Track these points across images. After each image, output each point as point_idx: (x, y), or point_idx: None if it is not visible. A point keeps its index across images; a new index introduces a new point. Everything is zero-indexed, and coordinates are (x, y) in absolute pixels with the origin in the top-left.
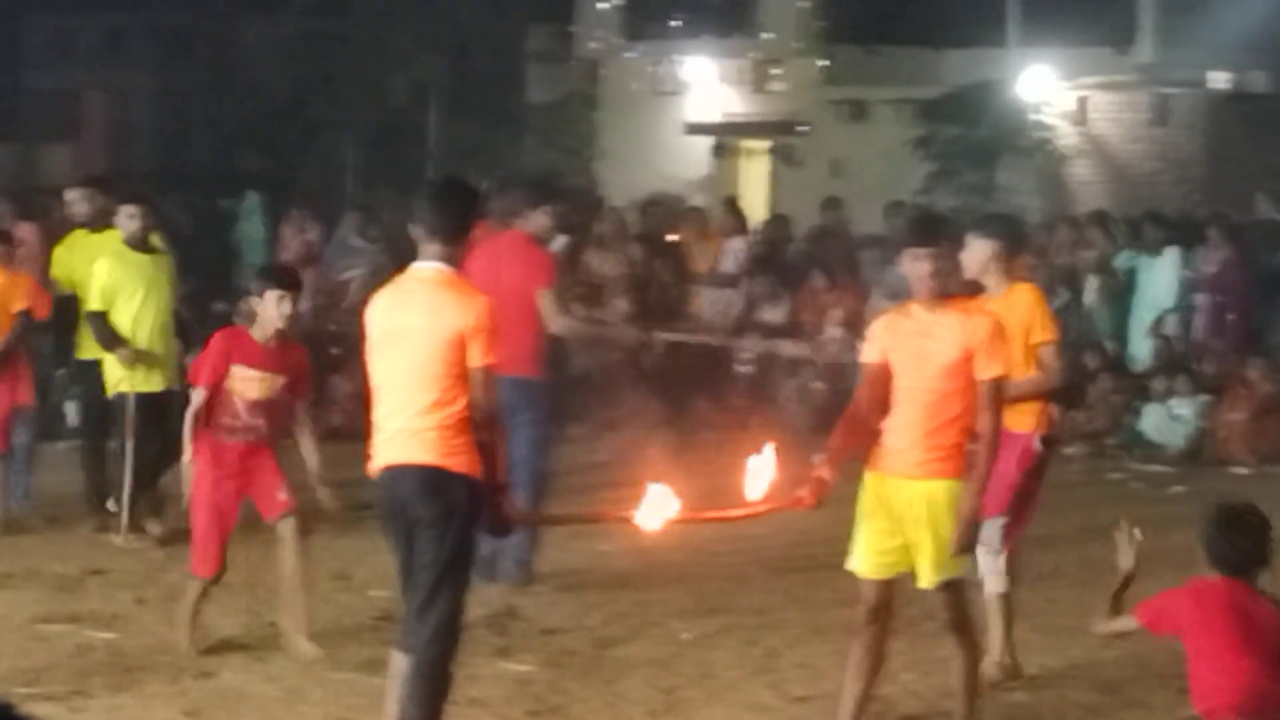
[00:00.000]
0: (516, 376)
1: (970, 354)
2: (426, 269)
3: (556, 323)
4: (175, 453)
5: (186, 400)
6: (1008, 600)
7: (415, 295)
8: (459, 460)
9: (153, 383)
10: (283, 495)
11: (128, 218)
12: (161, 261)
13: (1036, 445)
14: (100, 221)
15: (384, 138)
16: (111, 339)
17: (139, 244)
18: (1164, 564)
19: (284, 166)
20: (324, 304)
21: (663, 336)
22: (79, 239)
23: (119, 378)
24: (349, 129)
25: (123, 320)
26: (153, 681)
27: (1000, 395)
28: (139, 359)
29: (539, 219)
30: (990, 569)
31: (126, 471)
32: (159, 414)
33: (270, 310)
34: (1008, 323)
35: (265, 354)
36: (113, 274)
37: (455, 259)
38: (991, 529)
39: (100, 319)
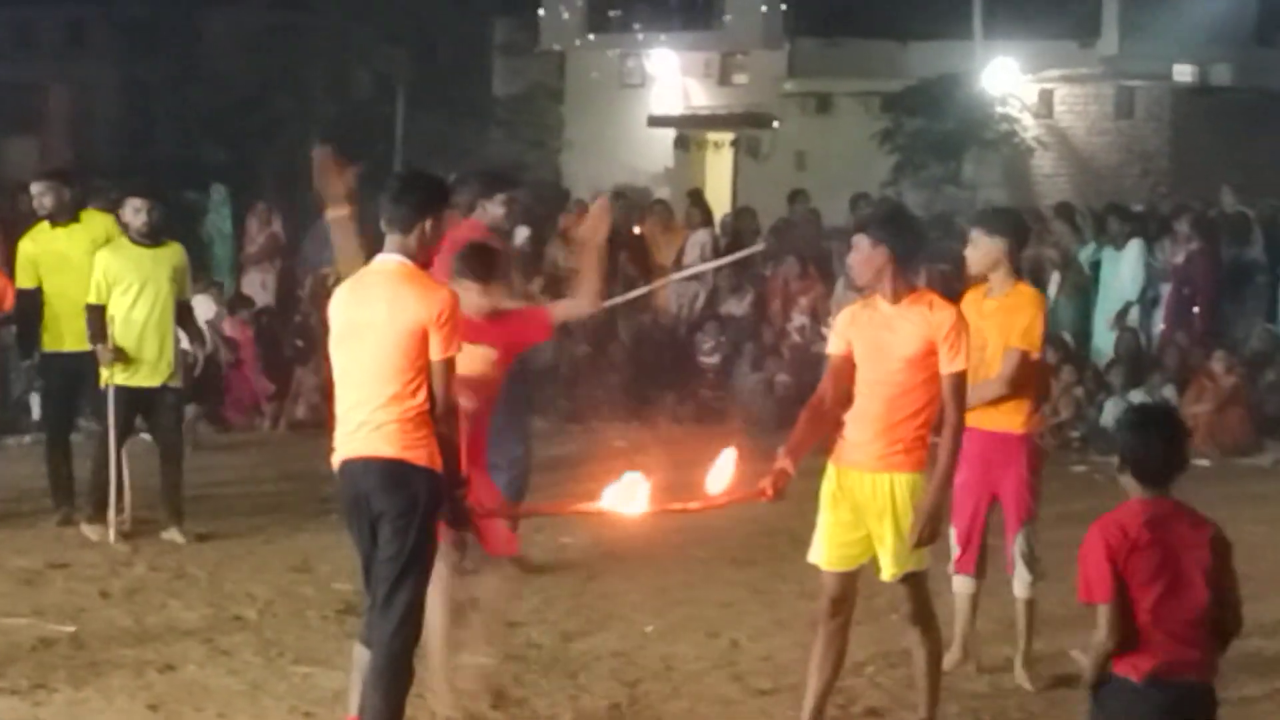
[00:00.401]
0: None
1: (932, 347)
2: (388, 262)
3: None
4: (171, 454)
5: (183, 397)
6: (1032, 606)
7: (376, 288)
8: (420, 453)
9: (139, 377)
10: None
11: (134, 211)
12: (164, 256)
13: (1043, 443)
14: (65, 214)
15: (349, 130)
16: (97, 333)
17: (144, 237)
18: None
19: (248, 159)
20: (313, 293)
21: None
22: (43, 232)
23: (107, 369)
24: (313, 122)
25: (116, 314)
26: (116, 675)
27: (964, 389)
28: (118, 358)
29: (494, 209)
30: (1023, 576)
31: (111, 464)
32: (144, 409)
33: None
34: (1007, 323)
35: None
36: (109, 267)
37: (418, 252)
38: (1026, 535)
39: (94, 312)
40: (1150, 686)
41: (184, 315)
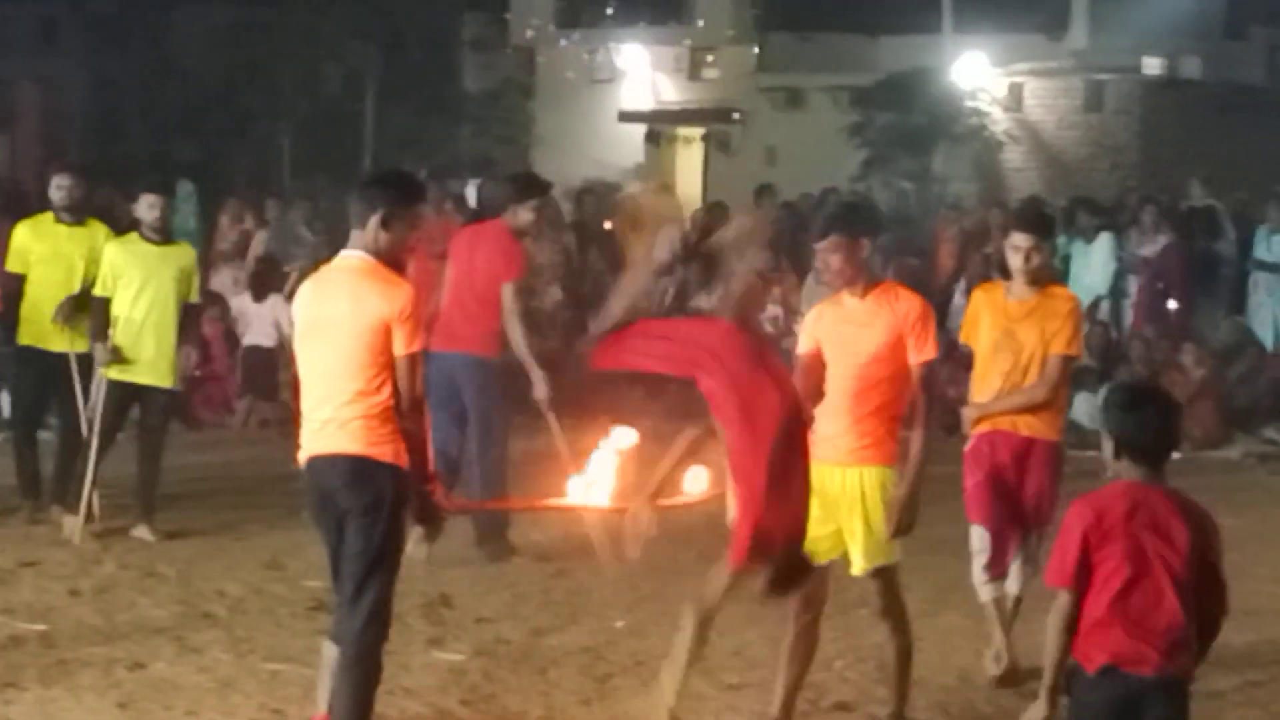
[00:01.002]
0: (472, 355)
1: (900, 339)
2: (350, 258)
3: (510, 320)
4: (151, 452)
5: (176, 399)
6: (1019, 603)
7: (339, 284)
8: (386, 449)
9: (134, 374)
10: None
11: (148, 206)
12: (172, 255)
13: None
14: (75, 213)
15: (319, 126)
16: (98, 330)
17: (155, 234)
18: None
19: (218, 156)
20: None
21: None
22: (45, 223)
23: (103, 365)
24: (283, 118)
25: (118, 309)
26: (85, 674)
27: (934, 378)
28: (115, 357)
29: (524, 214)
30: (1016, 574)
31: (91, 457)
32: (133, 406)
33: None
34: (1047, 327)
35: None
36: (115, 260)
37: (383, 248)
38: (1039, 539)
39: (98, 305)
40: (1102, 677)
41: (185, 317)
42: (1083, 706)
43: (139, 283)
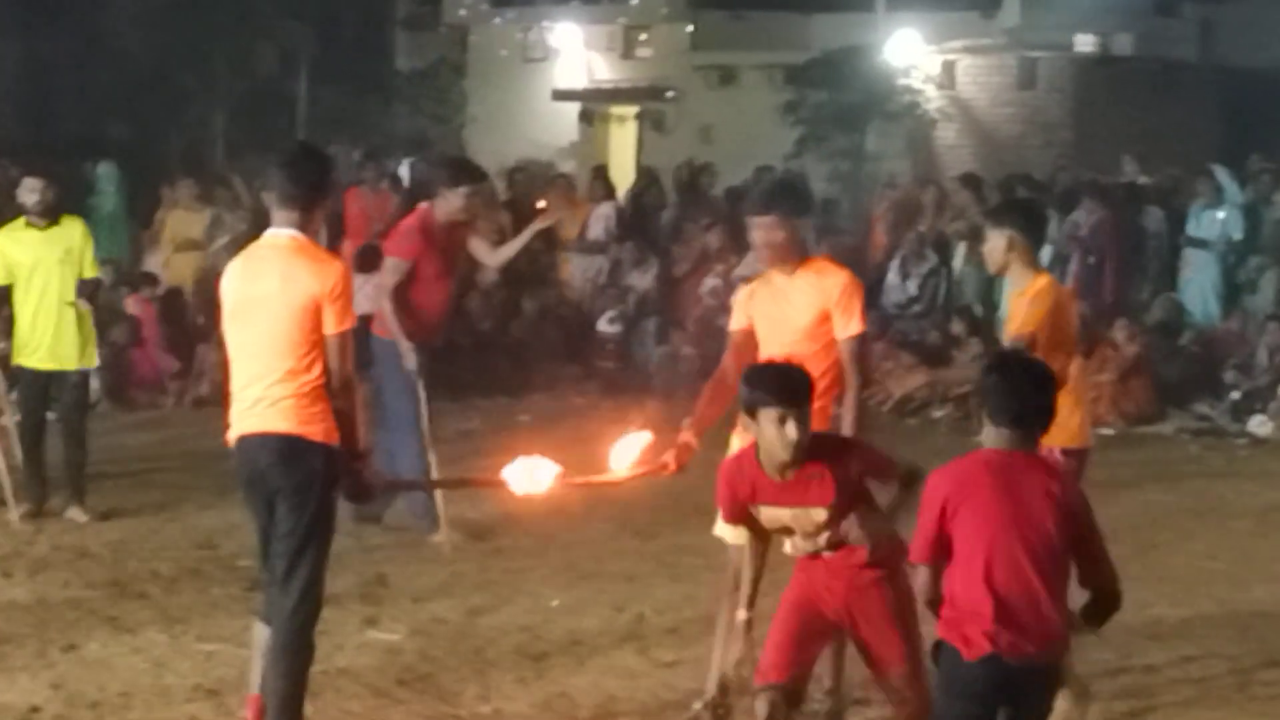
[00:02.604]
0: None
1: (827, 314)
2: (280, 236)
3: (380, 293)
4: (71, 433)
5: (87, 380)
6: None
7: (268, 263)
8: (316, 428)
9: (35, 360)
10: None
11: (28, 191)
12: (56, 236)
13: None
14: (48, 216)
15: (252, 106)
16: (2, 322)
17: (38, 218)
18: None
19: (151, 136)
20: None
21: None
22: (19, 230)
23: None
24: (217, 98)
25: (16, 297)
26: (18, 655)
27: (862, 352)
28: (6, 341)
29: (453, 200)
30: None
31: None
32: (45, 391)
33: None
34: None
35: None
36: (6, 250)
37: (309, 226)
38: None
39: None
40: (974, 661)
41: (80, 289)
42: (953, 689)
43: (28, 269)
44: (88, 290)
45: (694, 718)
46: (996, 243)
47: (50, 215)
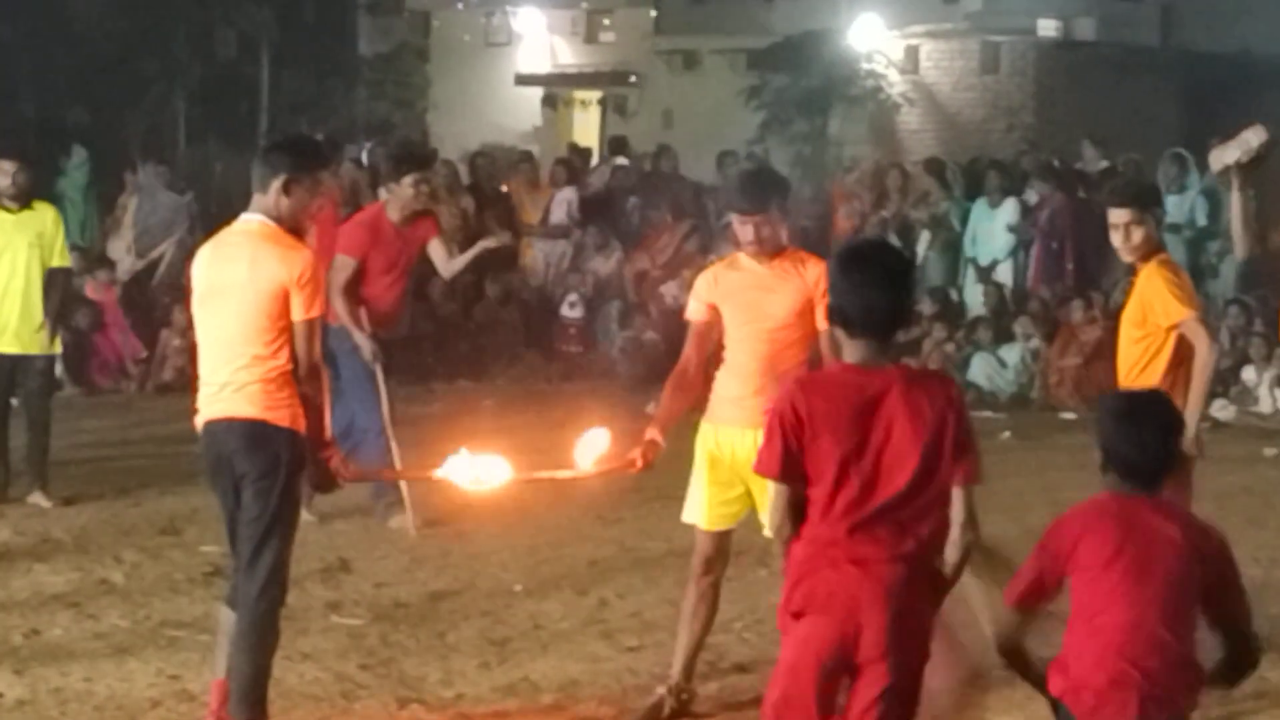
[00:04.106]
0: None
1: (809, 303)
2: (250, 221)
3: (330, 291)
4: (35, 418)
5: (53, 366)
6: None
7: (238, 248)
8: (283, 414)
9: (2, 343)
10: None
11: (0, 174)
12: (28, 220)
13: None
14: (21, 199)
15: (213, 90)
16: None
17: (11, 200)
18: (992, 508)
19: (112, 121)
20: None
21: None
22: None
23: None
24: (178, 82)
25: None
26: None
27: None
28: None
29: (403, 190)
30: None
31: None
32: (10, 376)
33: None
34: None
35: None
36: None
37: (283, 213)
38: None
39: None
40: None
41: (49, 282)
42: None
43: None
44: (58, 281)
45: (657, 702)
46: (1116, 220)
47: (22, 199)
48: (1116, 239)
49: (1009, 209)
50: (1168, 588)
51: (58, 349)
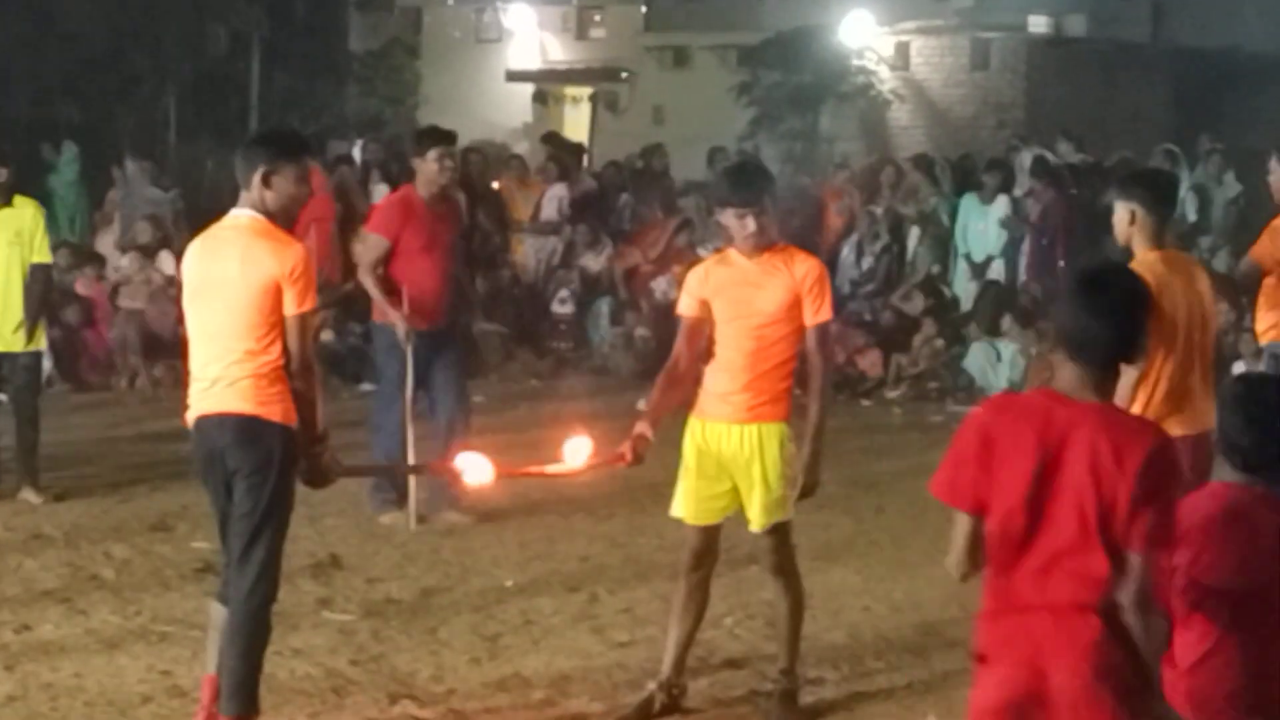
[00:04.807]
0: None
1: (798, 299)
2: (240, 216)
3: (360, 270)
4: (23, 414)
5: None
6: None
7: (229, 243)
8: (275, 409)
9: None
10: None
11: None
12: (7, 219)
13: None
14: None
15: (204, 87)
16: None
17: None
18: None
19: (103, 118)
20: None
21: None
22: None
23: None
24: (169, 79)
25: None
26: None
27: (830, 338)
28: None
29: (427, 167)
30: None
31: None
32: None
33: None
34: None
35: None
36: None
37: (272, 206)
38: None
39: None
40: None
41: (32, 279)
42: None
43: None
44: (38, 277)
45: (648, 698)
46: (1121, 215)
47: (3, 196)
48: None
49: (1002, 205)
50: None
51: (40, 344)
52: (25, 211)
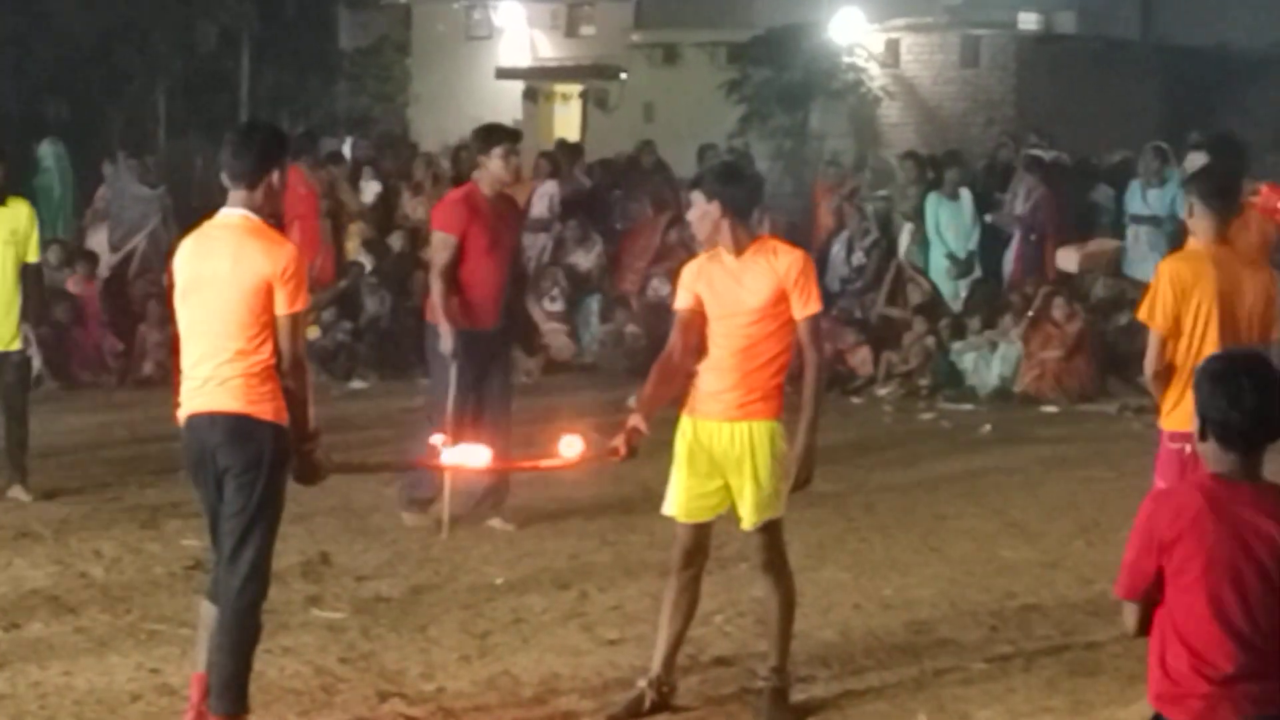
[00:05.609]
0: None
1: (782, 294)
2: (232, 215)
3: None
4: (13, 412)
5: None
6: None
7: (221, 242)
8: (266, 408)
9: None
10: None
11: None
12: (4, 217)
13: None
14: None
15: (194, 84)
16: None
17: None
18: (969, 502)
19: (92, 114)
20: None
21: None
22: None
23: None
24: (158, 76)
25: None
26: None
27: (819, 331)
28: None
29: (492, 164)
30: None
31: None
32: None
33: None
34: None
35: None
36: None
37: (262, 205)
38: None
39: None
40: None
41: (23, 278)
42: None
43: None
44: (30, 277)
45: (638, 696)
46: (1185, 209)
47: None
48: None
49: (967, 200)
50: (1265, 583)
51: (17, 345)
52: (20, 212)
